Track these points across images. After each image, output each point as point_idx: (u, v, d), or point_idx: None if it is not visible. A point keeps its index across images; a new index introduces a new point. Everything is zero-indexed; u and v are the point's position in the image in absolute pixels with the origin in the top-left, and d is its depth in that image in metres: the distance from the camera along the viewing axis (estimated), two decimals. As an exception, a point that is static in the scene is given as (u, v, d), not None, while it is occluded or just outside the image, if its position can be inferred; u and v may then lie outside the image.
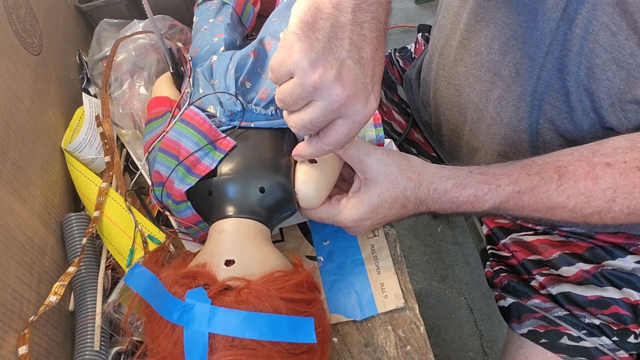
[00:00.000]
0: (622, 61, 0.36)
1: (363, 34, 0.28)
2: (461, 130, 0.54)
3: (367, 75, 0.28)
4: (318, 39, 0.27)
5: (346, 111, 0.29)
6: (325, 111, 0.29)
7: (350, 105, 0.28)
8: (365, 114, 0.29)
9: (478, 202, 0.37)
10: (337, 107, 0.28)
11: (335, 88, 0.28)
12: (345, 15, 0.27)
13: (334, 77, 0.27)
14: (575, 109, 0.41)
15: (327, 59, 0.27)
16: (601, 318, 0.45)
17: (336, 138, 0.31)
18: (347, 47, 0.27)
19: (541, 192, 0.36)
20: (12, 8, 0.44)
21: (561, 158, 0.37)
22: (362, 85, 0.28)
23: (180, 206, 0.37)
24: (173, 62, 0.45)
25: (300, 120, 0.30)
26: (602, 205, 0.35)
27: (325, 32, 0.27)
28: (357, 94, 0.28)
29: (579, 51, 0.38)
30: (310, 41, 0.28)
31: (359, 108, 0.29)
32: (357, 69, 0.28)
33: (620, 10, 0.34)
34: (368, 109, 0.29)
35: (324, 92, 0.28)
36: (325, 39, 0.27)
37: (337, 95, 0.28)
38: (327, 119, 0.29)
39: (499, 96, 0.46)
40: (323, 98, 0.28)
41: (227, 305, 0.29)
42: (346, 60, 0.27)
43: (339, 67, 0.27)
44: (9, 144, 0.38)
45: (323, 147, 0.32)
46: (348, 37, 0.27)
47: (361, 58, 0.28)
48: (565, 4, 0.37)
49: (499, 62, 0.44)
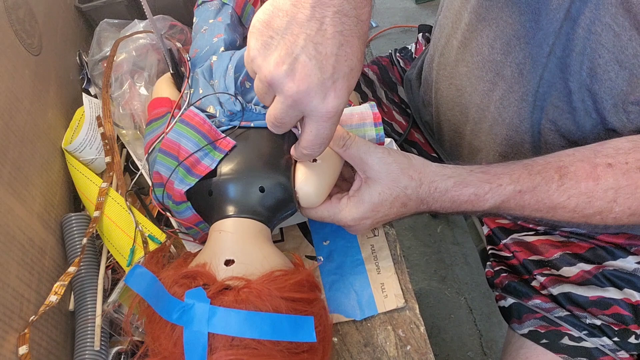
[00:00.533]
0: (625, 62, 0.36)
1: (323, 29, 0.27)
2: (462, 130, 0.54)
3: (325, 71, 0.28)
4: (272, 37, 0.28)
5: (303, 107, 0.29)
6: (283, 106, 0.29)
7: (305, 100, 0.28)
8: (324, 111, 0.29)
9: (479, 201, 0.37)
10: (291, 102, 0.29)
11: (286, 83, 0.28)
12: (303, 11, 0.27)
13: (285, 72, 0.28)
14: (577, 110, 0.41)
15: (280, 55, 0.28)
16: (602, 318, 0.45)
17: (307, 139, 0.31)
18: (301, 44, 0.27)
19: (542, 192, 0.36)
20: (12, 8, 0.44)
21: (562, 158, 0.37)
22: (317, 80, 0.28)
23: (181, 207, 0.37)
24: (173, 62, 0.45)
25: (269, 116, 0.31)
26: (604, 205, 0.35)
27: (281, 29, 0.28)
28: (311, 89, 0.28)
29: (582, 51, 0.38)
30: (264, 39, 0.28)
31: (315, 104, 0.28)
32: (312, 65, 0.27)
33: (623, 10, 0.34)
34: (326, 105, 0.29)
35: (277, 86, 0.28)
36: (279, 35, 0.28)
37: (289, 90, 0.28)
38: (289, 114, 0.30)
39: (501, 96, 0.45)
40: (278, 92, 0.29)
41: (226, 305, 0.29)
42: (300, 56, 0.27)
43: (291, 63, 0.27)
44: (9, 145, 0.38)
45: (302, 151, 0.33)
46: (304, 32, 0.27)
47: (318, 54, 0.27)
48: (569, 4, 0.37)
49: (501, 62, 0.44)
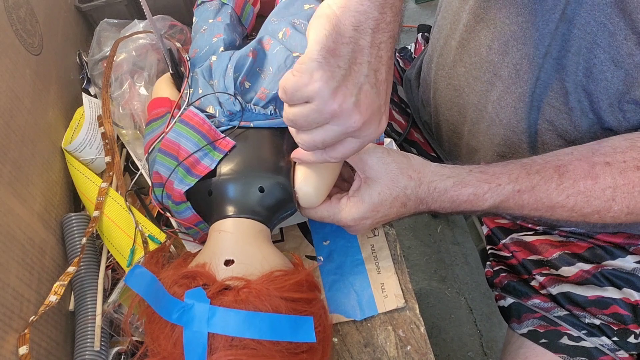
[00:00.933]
0: (621, 61, 0.36)
1: (380, 55, 0.28)
2: (461, 130, 0.54)
3: (382, 97, 0.29)
4: (339, 66, 0.27)
5: (360, 134, 0.30)
6: (339, 135, 0.30)
7: (365, 128, 0.29)
8: (377, 134, 0.30)
9: (478, 201, 0.37)
10: (351, 132, 0.29)
11: (354, 115, 0.28)
12: (365, 37, 0.27)
13: (353, 105, 0.28)
14: (574, 110, 0.41)
15: (347, 87, 0.28)
16: (601, 318, 0.45)
17: (344, 153, 0.31)
18: (365, 72, 0.28)
19: (541, 191, 0.36)
20: (13, 8, 0.44)
21: (561, 157, 0.37)
22: (377, 107, 0.29)
23: (180, 207, 0.37)
24: (173, 62, 0.45)
25: (312, 140, 0.30)
26: (602, 204, 0.35)
27: (347, 58, 0.27)
28: (373, 117, 0.29)
29: (577, 51, 0.38)
30: (331, 69, 0.27)
31: (372, 130, 0.30)
32: (373, 93, 0.28)
33: (618, 10, 0.34)
34: (380, 129, 0.30)
35: (342, 119, 0.28)
36: (346, 65, 0.27)
37: (355, 122, 0.28)
38: (339, 139, 0.30)
39: (498, 97, 0.45)
40: (340, 124, 0.29)
41: (226, 305, 0.29)
42: (364, 85, 0.28)
43: (357, 94, 0.28)
44: (9, 144, 0.38)
45: (327, 159, 0.33)
46: (367, 60, 0.28)
47: (377, 81, 0.28)
48: (564, 5, 0.37)
49: (498, 63, 0.44)
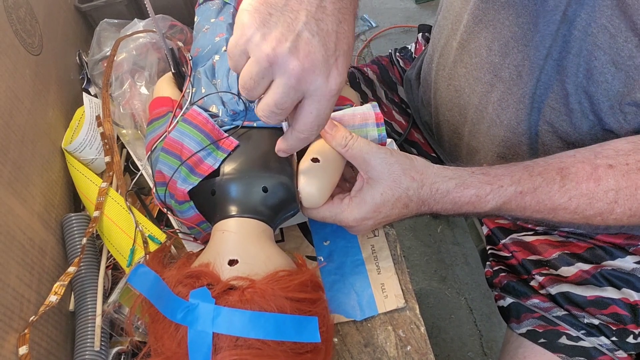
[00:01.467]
0: (621, 63, 0.36)
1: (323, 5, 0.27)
2: (461, 131, 0.54)
3: (328, 49, 0.27)
4: (270, 13, 0.26)
5: (307, 87, 0.27)
6: (285, 88, 0.27)
7: (309, 79, 0.27)
8: (328, 89, 0.28)
9: (480, 203, 0.37)
10: (295, 82, 0.27)
11: (291, 61, 0.26)
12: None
13: (288, 50, 0.26)
14: (574, 111, 0.41)
15: (281, 32, 0.26)
16: (600, 318, 0.46)
17: (306, 122, 0.29)
18: (303, 19, 0.26)
19: (543, 193, 0.36)
20: (12, 8, 0.44)
21: (563, 159, 0.37)
22: (321, 57, 0.26)
23: (183, 206, 0.37)
24: (174, 62, 0.45)
25: (266, 105, 0.29)
26: (604, 207, 0.35)
27: (279, 5, 0.26)
28: (316, 67, 0.26)
29: (578, 53, 0.38)
30: (262, 15, 0.26)
31: (319, 83, 0.27)
32: (316, 42, 0.26)
33: (619, 12, 0.34)
34: (330, 83, 0.27)
35: (279, 66, 0.27)
36: (279, 12, 0.26)
37: (294, 69, 0.26)
38: (291, 98, 0.28)
39: (499, 98, 0.46)
40: (280, 73, 0.27)
41: (231, 305, 0.29)
42: (303, 32, 0.26)
43: (294, 39, 0.26)
44: (9, 144, 0.38)
45: (298, 135, 0.31)
46: (305, 9, 0.26)
47: (320, 30, 0.26)
48: (565, 7, 0.37)
49: (499, 64, 0.44)
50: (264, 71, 0.27)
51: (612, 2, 0.35)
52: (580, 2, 0.36)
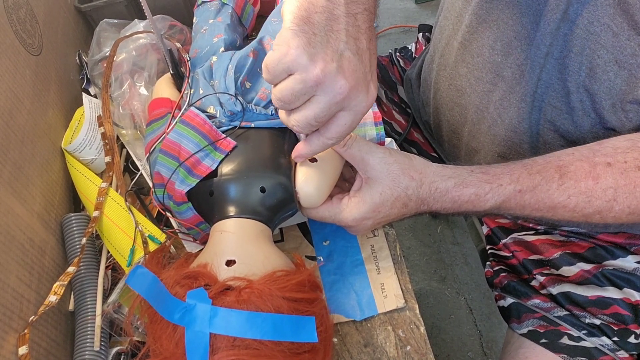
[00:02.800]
0: (624, 61, 0.36)
1: (357, 25, 0.28)
2: (461, 131, 0.54)
3: (366, 65, 0.29)
4: (315, 33, 0.27)
5: (349, 102, 0.29)
6: (329, 105, 0.29)
7: (353, 96, 0.29)
8: (367, 103, 0.30)
9: (479, 201, 0.37)
10: (340, 100, 0.28)
11: (338, 80, 0.28)
12: (338, 7, 0.28)
13: (336, 70, 0.27)
14: (575, 110, 0.41)
15: (327, 52, 0.27)
16: (601, 318, 0.45)
17: (339, 131, 0.31)
18: (344, 39, 0.28)
19: (542, 192, 0.36)
20: (12, 8, 0.44)
21: (562, 158, 0.37)
22: (362, 75, 0.29)
23: (182, 207, 0.37)
24: (173, 63, 0.45)
25: (304, 117, 0.30)
26: (603, 204, 0.35)
27: (322, 25, 0.27)
28: (359, 84, 0.28)
29: (580, 52, 0.38)
30: (307, 36, 0.27)
31: (361, 98, 0.29)
32: (356, 60, 0.28)
33: (621, 11, 0.34)
34: (370, 97, 0.30)
35: (327, 85, 0.28)
36: (322, 32, 0.27)
37: (341, 88, 0.28)
38: (331, 112, 0.30)
39: (501, 97, 0.46)
40: (326, 92, 0.28)
41: (227, 305, 0.29)
42: (345, 51, 0.28)
43: (339, 59, 0.27)
44: (9, 144, 0.38)
45: (325, 142, 0.32)
46: (344, 29, 0.28)
47: (358, 49, 0.28)
48: (566, 6, 0.37)
49: (501, 64, 0.44)
50: (308, 89, 0.29)
51: (614, 1, 0.35)
52: (582, 1, 0.36)
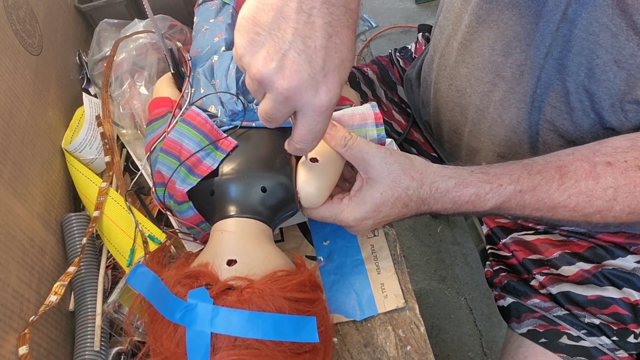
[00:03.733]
0: (623, 62, 0.36)
1: (311, 21, 0.27)
2: (461, 131, 0.54)
3: (315, 65, 0.27)
4: (258, 33, 0.27)
5: (295, 103, 0.28)
6: (274, 103, 0.29)
7: (297, 97, 0.28)
8: (317, 104, 0.28)
9: (480, 202, 0.37)
10: (283, 99, 0.28)
11: (277, 80, 0.27)
12: (289, 4, 0.27)
13: (274, 70, 0.27)
14: (575, 110, 0.41)
15: (268, 52, 0.27)
16: (601, 318, 0.45)
17: (300, 134, 0.31)
18: (289, 39, 0.27)
19: (542, 192, 0.36)
20: (12, 8, 0.44)
21: (562, 158, 0.37)
22: (307, 75, 0.27)
23: (182, 206, 0.37)
24: (174, 62, 0.45)
25: (261, 110, 0.30)
26: (603, 204, 0.35)
27: (267, 24, 0.27)
28: (302, 85, 0.27)
29: (579, 52, 0.38)
30: (250, 35, 0.27)
31: (307, 99, 0.28)
32: (301, 60, 0.27)
33: (620, 11, 0.34)
34: (317, 99, 0.28)
35: (267, 84, 0.28)
36: (266, 31, 0.27)
37: (279, 87, 0.27)
38: (281, 110, 0.29)
39: (501, 97, 0.46)
40: (269, 90, 0.28)
41: (229, 305, 0.29)
42: (289, 51, 0.27)
43: (280, 59, 0.27)
44: (9, 144, 0.38)
45: (294, 145, 0.32)
46: (291, 27, 0.27)
47: (307, 48, 0.27)
48: (565, 6, 0.37)
49: (501, 64, 0.44)
50: (256, 86, 0.29)
51: (613, 1, 0.35)
52: (581, 2, 0.37)
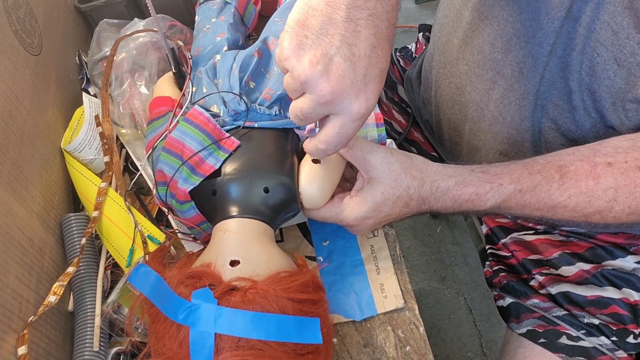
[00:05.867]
0: (623, 60, 0.36)
1: (357, 30, 0.28)
2: (462, 129, 0.54)
3: (358, 73, 0.28)
4: (307, 36, 0.28)
5: (334, 107, 0.29)
6: (313, 104, 0.29)
7: (337, 101, 0.29)
8: (355, 111, 0.29)
9: (480, 201, 0.37)
10: (324, 102, 0.29)
11: (321, 83, 0.28)
12: (338, 12, 0.28)
13: (320, 73, 0.28)
14: (577, 108, 0.41)
15: (315, 55, 0.28)
16: (600, 318, 0.46)
17: (328, 135, 0.31)
18: (337, 44, 0.28)
19: (543, 192, 0.36)
20: (12, 8, 0.44)
21: (563, 157, 0.37)
22: (350, 82, 0.28)
23: (184, 206, 0.37)
24: (175, 61, 0.45)
25: (294, 107, 0.31)
26: (604, 205, 0.36)
27: (315, 29, 0.28)
28: (345, 90, 0.28)
29: (582, 50, 0.38)
30: (299, 38, 0.28)
31: (346, 104, 0.29)
32: (346, 66, 0.28)
33: (622, 8, 0.34)
34: (357, 105, 0.29)
35: (310, 86, 0.29)
36: (314, 35, 0.28)
37: (322, 90, 0.28)
38: (317, 112, 0.30)
39: (501, 95, 0.46)
40: (311, 92, 0.29)
41: (233, 306, 0.29)
42: (335, 56, 0.28)
43: (326, 63, 0.28)
44: (9, 144, 0.38)
45: (317, 145, 0.32)
46: (339, 33, 0.28)
47: (352, 55, 0.28)
48: (570, 3, 0.37)
49: (501, 61, 0.44)
50: (297, 86, 0.30)
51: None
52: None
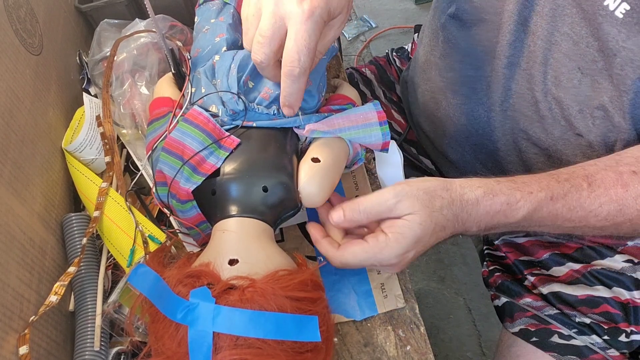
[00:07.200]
0: (586, 68, 0.37)
1: None
2: (440, 142, 0.56)
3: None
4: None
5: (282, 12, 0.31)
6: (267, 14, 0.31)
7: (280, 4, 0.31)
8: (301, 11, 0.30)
9: (511, 211, 0.35)
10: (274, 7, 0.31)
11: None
12: None
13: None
14: (545, 118, 0.42)
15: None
16: (592, 317, 0.46)
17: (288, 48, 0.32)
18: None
19: (574, 200, 0.35)
20: (13, 8, 0.44)
21: (586, 167, 0.36)
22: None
23: (186, 205, 0.37)
24: (174, 62, 0.45)
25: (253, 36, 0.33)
26: (635, 213, 0.34)
27: None
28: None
29: (544, 61, 0.39)
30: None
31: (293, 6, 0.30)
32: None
33: (579, 19, 0.35)
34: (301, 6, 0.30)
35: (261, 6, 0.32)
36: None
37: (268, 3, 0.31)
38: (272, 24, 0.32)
39: (472, 109, 0.47)
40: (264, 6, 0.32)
41: (231, 304, 0.29)
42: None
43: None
44: (9, 144, 0.38)
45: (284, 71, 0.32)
46: None
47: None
48: (518, 16, 0.39)
49: (473, 77, 0.46)
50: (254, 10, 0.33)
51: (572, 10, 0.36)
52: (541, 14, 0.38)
